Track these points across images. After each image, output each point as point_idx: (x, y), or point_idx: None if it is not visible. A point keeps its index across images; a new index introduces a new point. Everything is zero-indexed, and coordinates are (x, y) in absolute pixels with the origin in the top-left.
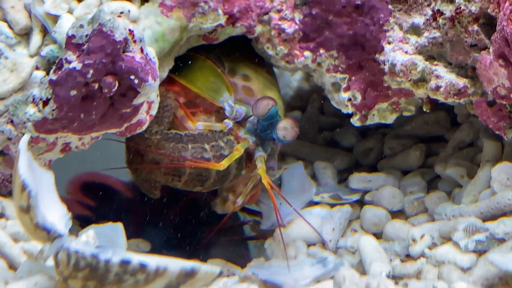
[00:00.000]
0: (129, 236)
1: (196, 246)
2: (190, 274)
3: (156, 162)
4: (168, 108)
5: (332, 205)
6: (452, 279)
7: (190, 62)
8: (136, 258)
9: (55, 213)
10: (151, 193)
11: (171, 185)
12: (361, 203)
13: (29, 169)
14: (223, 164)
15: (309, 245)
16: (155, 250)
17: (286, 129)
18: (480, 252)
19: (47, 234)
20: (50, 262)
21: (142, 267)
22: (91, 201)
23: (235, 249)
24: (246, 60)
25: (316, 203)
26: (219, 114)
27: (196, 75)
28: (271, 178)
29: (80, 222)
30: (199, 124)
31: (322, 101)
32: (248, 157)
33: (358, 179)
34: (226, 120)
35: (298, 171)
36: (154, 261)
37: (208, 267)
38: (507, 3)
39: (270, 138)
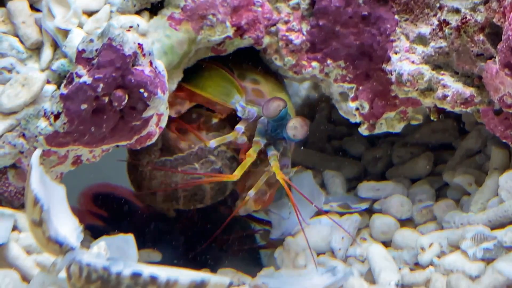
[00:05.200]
0: (140, 246)
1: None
2: (200, 286)
3: (153, 193)
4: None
5: (341, 214)
6: (461, 287)
7: (199, 70)
8: (147, 270)
9: (67, 226)
10: (168, 213)
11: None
12: (370, 211)
13: (41, 183)
14: (236, 175)
15: (318, 253)
16: (166, 259)
17: (296, 128)
18: (488, 260)
19: (60, 247)
20: (63, 274)
21: (153, 279)
22: (103, 211)
23: (246, 258)
24: (254, 68)
25: (325, 212)
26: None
27: (206, 81)
28: (285, 176)
29: (92, 232)
30: (212, 142)
31: (330, 110)
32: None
33: (366, 188)
34: (237, 126)
35: (307, 180)
36: (164, 273)
37: (218, 278)
38: None
39: (281, 137)
